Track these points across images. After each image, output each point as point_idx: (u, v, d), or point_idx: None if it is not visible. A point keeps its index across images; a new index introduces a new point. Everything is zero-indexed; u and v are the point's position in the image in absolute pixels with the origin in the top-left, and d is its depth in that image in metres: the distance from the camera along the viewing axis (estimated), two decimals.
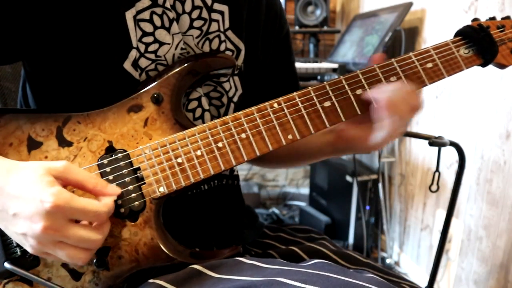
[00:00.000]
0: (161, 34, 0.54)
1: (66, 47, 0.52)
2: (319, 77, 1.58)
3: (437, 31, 1.45)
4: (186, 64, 0.55)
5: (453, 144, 0.97)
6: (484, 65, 0.60)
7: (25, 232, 0.41)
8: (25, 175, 0.41)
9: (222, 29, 0.60)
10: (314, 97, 0.54)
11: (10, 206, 0.41)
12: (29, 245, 0.42)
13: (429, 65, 0.57)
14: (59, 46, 0.52)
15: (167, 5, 0.54)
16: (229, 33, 0.61)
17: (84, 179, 0.44)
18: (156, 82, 0.53)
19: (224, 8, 0.59)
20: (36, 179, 0.40)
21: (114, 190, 0.46)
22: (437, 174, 0.99)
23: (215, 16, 0.59)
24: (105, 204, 0.44)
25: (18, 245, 0.48)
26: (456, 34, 0.60)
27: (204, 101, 0.59)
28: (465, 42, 0.59)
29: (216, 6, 0.59)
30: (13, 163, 0.44)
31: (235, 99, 0.63)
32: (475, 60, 0.58)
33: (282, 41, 0.69)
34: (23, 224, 0.41)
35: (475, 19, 0.62)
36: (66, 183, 0.43)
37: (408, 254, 1.70)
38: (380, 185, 1.69)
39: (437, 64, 0.57)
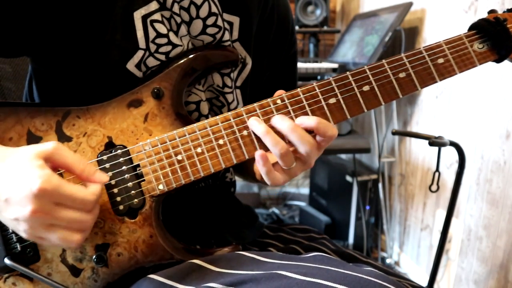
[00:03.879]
0: (173, 37, 0.54)
1: (71, 44, 0.51)
2: (319, 77, 1.58)
3: (437, 31, 1.45)
4: (187, 58, 0.53)
5: (453, 144, 0.96)
6: (499, 61, 0.56)
7: (17, 217, 0.41)
8: (16, 160, 0.41)
9: (230, 39, 0.59)
10: (319, 94, 0.52)
11: (2, 192, 0.41)
12: (22, 230, 0.42)
13: (441, 60, 0.54)
14: (64, 42, 0.51)
15: (175, 9, 0.53)
16: (237, 45, 0.60)
17: (72, 163, 0.43)
18: (156, 77, 0.53)
19: (234, 20, 0.59)
20: (26, 163, 0.40)
21: (102, 177, 0.45)
22: (437, 174, 0.99)
23: (226, 25, 0.58)
24: (93, 192, 0.43)
25: (18, 240, 0.47)
26: (471, 28, 0.57)
27: (203, 106, 0.59)
28: (479, 36, 0.55)
29: (226, 16, 0.58)
30: (5, 150, 0.44)
31: None
32: (490, 56, 0.55)
33: (289, 59, 0.69)
34: (14, 208, 0.41)
35: (491, 11, 0.58)
36: (54, 165, 0.43)
37: (408, 254, 1.70)
38: (380, 185, 1.68)
39: (449, 59, 0.54)
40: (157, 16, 0.52)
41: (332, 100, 0.53)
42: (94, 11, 0.51)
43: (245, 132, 0.51)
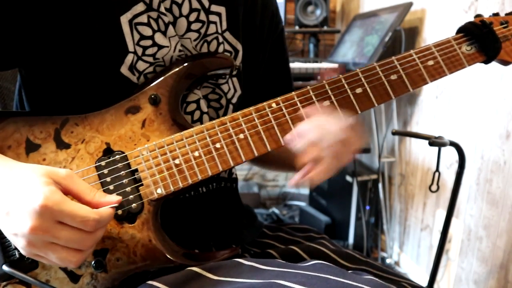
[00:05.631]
0: (159, 38, 0.54)
1: (62, 53, 0.51)
2: (319, 77, 1.57)
3: (437, 31, 1.45)
4: (183, 65, 0.54)
5: (453, 144, 0.96)
6: (487, 62, 0.58)
7: (16, 233, 0.40)
8: (23, 174, 0.41)
9: (220, 31, 0.59)
10: (313, 97, 0.54)
11: (5, 205, 0.40)
12: (21, 246, 0.41)
13: (430, 62, 0.56)
14: (55, 52, 0.51)
15: (162, 9, 0.54)
16: (227, 35, 0.60)
17: (83, 190, 0.43)
18: (153, 83, 0.53)
19: (221, 10, 0.59)
20: (33, 179, 0.40)
21: (112, 199, 0.44)
22: (437, 174, 0.99)
23: (212, 18, 0.58)
24: (96, 211, 0.42)
25: (16, 248, 0.47)
26: (458, 31, 0.59)
27: (203, 103, 0.59)
28: (467, 39, 0.57)
29: (214, 8, 0.58)
30: (16, 165, 0.44)
31: (234, 100, 0.63)
32: (478, 57, 0.57)
33: (277, 39, 0.69)
34: (14, 223, 0.40)
35: (477, 15, 0.61)
36: (65, 191, 0.42)
37: (408, 254, 1.70)
38: (380, 185, 1.68)
39: (439, 61, 0.56)
40: (142, 18, 0.53)
41: (326, 103, 0.54)
42: (80, 19, 0.50)
43: (241, 136, 0.52)
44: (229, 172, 0.66)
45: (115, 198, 0.45)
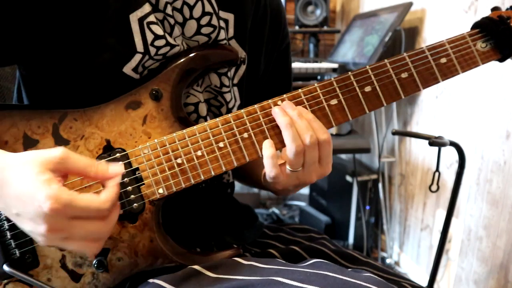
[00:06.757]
0: (169, 38, 0.53)
1: (63, 50, 0.50)
2: (319, 77, 1.57)
3: (437, 31, 1.45)
4: (186, 58, 0.52)
5: (453, 144, 0.96)
6: (502, 60, 0.56)
7: (32, 231, 0.40)
8: (22, 173, 0.39)
9: (226, 38, 0.58)
10: (321, 95, 0.52)
11: (12, 206, 0.40)
12: (38, 242, 0.41)
13: (443, 60, 0.53)
14: (56, 48, 0.50)
15: (169, 10, 0.53)
16: (233, 42, 0.59)
17: (84, 168, 0.41)
18: (155, 78, 0.52)
19: (229, 17, 0.58)
20: (33, 178, 0.38)
21: (116, 171, 0.42)
22: (437, 174, 0.98)
23: (221, 24, 0.57)
24: (106, 199, 0.40)
25: (17, 246, 0.47)
26: (474, 26, 0.56)
27: (202, 107, 0.58)
28: (483, 35, 0.54)
29: (222, 14, 0.57)
30: (7, 158, 0.42)
31: (234, 110, 0.62)
32: (493, 55, 0.54)
33: (282, 53, 0.69)
34: (28, 224, 0.40)
35: (495, 8, 0.58)
36: (65, 173, 0.41)
37: (408, 254, 1.70)
38: (380, 185, 1.68)
39: (452, 59, 0.53)
40: (152, 18, 0.52)
41: (333, 101, 0.52)
42: (86, 15, 0.49)
43: (245, 135, 0.51)
44: (219, 180, 0.65)
45: (118, 169, 0.43)
